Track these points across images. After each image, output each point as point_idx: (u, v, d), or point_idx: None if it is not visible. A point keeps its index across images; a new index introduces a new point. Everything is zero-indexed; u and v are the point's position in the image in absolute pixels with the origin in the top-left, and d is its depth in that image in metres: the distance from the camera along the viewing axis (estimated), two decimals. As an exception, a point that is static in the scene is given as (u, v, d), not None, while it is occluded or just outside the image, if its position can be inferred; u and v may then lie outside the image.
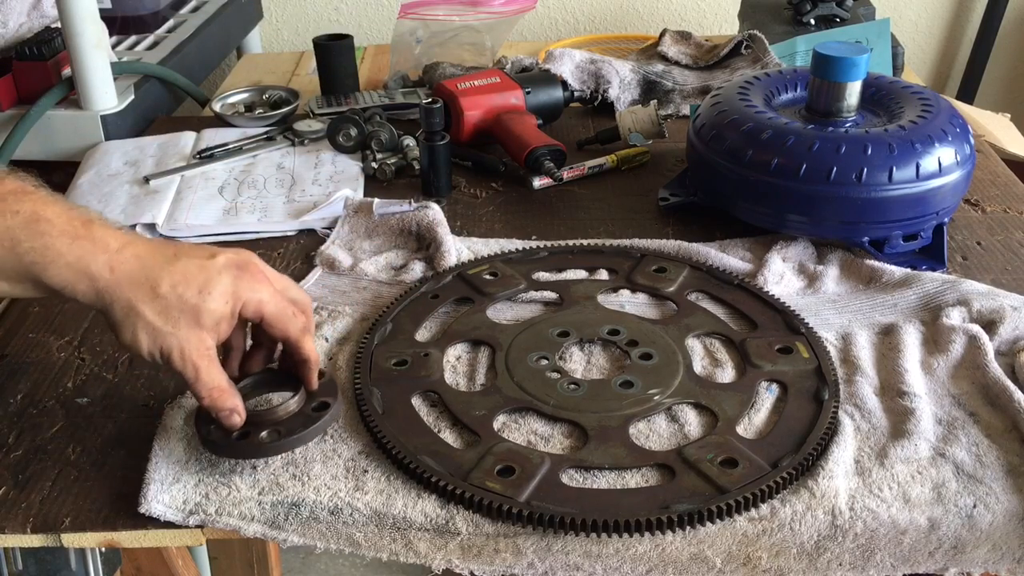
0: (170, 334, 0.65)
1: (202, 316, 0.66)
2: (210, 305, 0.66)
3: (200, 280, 0.66)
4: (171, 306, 0.65)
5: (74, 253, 0.63)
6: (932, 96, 1.02)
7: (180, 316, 0.65)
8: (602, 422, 0.75)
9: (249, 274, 0.68)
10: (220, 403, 0.68)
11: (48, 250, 0.63)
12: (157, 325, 0.65)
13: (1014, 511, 0.68)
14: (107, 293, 0.64)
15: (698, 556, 0.66)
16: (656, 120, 1.22)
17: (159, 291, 0.65)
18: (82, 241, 0.64)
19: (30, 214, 0.63)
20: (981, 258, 0.99)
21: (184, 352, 0.66)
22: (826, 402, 0.76)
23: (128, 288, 0.64)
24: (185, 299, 0.65)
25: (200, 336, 0.66)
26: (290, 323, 0.71)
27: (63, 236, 0.63)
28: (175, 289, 0.65)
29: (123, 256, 0.65)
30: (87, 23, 1.22)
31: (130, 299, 0.64)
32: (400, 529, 0.68)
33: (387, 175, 1.17)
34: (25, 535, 0.68)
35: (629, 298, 0.92)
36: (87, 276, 0.64)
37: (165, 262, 0.66)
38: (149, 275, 0.65)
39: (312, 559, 1.81)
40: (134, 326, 0.65)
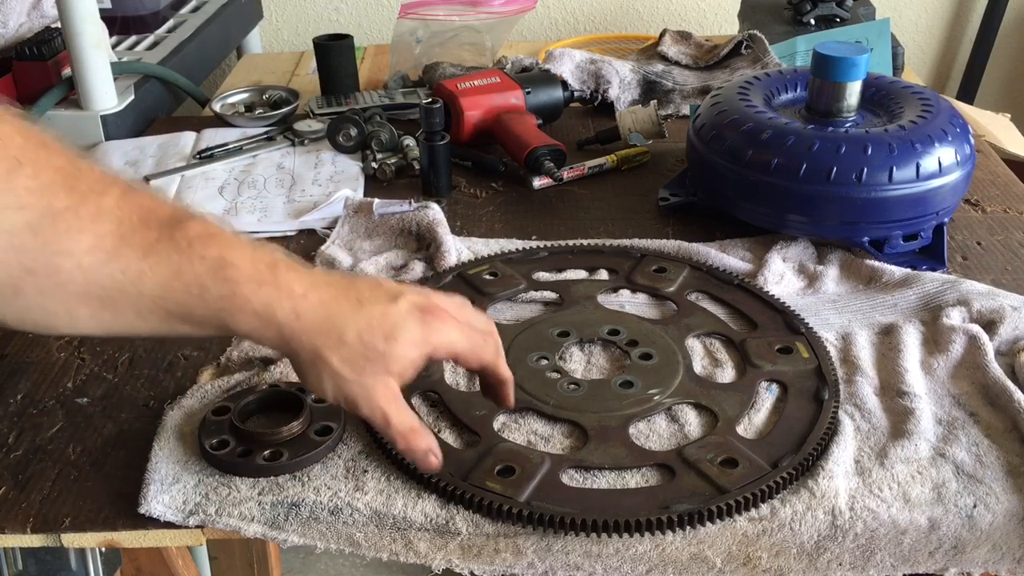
0: (355, 382, 0.64)
1: (390, 363, 0.64)
2: (398, 352, 0.64)
3: (386, 327, 0.64)
4: (357, 354, 0.63)
5: (260, 300, 0.62)
6: (932, 96, 1.02)
7: (366, 364, 0.64)
8: (602, 422, 0.75)
9: (434, 316, 0.66)
10: (415, 445, 0.66)
11: (236, 297, 0.61)
12: (343, 373, 0.63)
13: (1014, 511, 0.68)
14: (294, 340, 0.63)
15: (698, 556, 0.66)
16: (656, 120, 1.22)
17: (345, 339, 0.63)
18: (268, 288, 0.62)
19: (217, 260, 0.61)
20: (981, 258, 0.99)
21: (371, 400, 0.64)
22: (826, 402, 0.76)
23: (315, 335, 0.63)
24: (372, 347, 0.64)
25: (385, 382, 0.65)
26: (484, 353, 0.69)
27: (250, 283, 0.61)
28: (361, 337, 0.63)
29: (308, 302, 0.63)
30: (87, 23, 1.22)
31: (316, 347, 0.63)
32: (400, 529, 0.68)
33: (387, 175, 1.17)
34: (25, 535, 0.68)
35: (629, 298, 0.92)
36: (274, 324, 0.62)
37: (350, 309, 0.64)
38: (336, 323, 0.63)
39: (312, 559, 1.81)
40: (320, 373, 0.64)
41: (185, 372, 0.84)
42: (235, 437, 0.72)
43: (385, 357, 0.64)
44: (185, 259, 0.60)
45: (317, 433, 0.73)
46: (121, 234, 0.58)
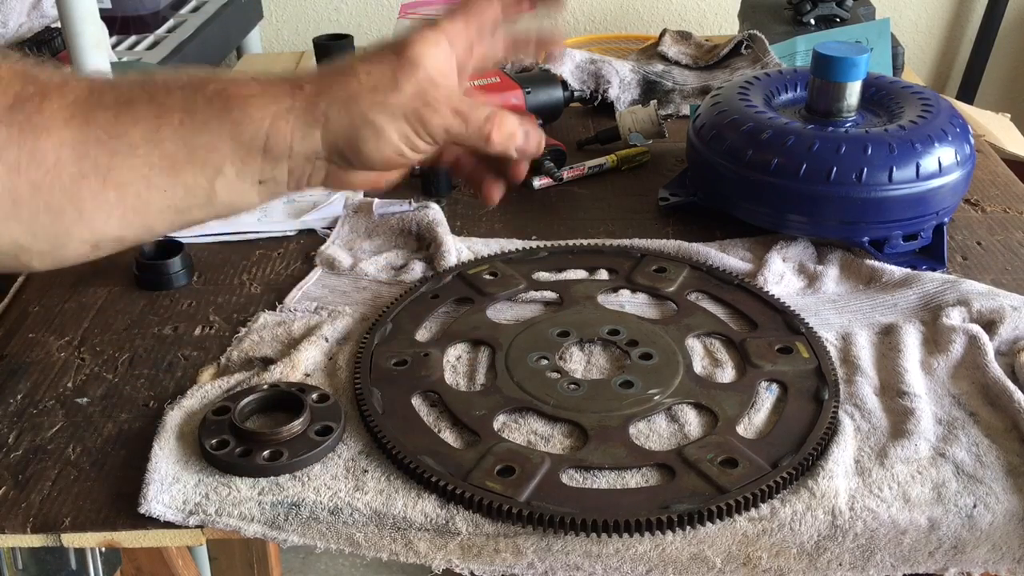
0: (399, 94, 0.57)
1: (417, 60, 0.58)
2: (415, 47, 0.58)
3: (388, 47, 0.59)
4: (377, 74, 0.57)
5: (254, 90, 0.56)
6: (932, 96, 1.02)
7: (395, 75, 0.57)
8: (602, 422, 0.75)
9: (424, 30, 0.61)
10: (505, 126, 0.60)
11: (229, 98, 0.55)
12: (379, 98, 0.57)
13: (1014, 511, 0.68)
14: (313, 109, 0.57)
15: (698, 556, 0.66)
16: (656, 120, 1.22)
17: (356, 72, 0.57)
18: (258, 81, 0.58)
19: (194, 79, 0.56)
20: (981, 258, 0.99)
21: (430, 100, 0.58)
22: (826, 402, 0.76)
23: (327, 89, 0.57)
24: (386, 61, 0.58)
25: (431, 79, 0.58)
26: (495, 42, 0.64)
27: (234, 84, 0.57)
28: (370, 62, 0.58)
29: (300, 76, 0.58)
30: (87, 23, 1.22)
31: (337, 93, 0.57)
32: (400, 529, 0.68)
33: (387, 175, 1.17)
34: (25, 535, 0.68)
35: (629, 298, 0.92)
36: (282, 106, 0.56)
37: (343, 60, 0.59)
38: (338, 70, 0.58)
39: (312, 559, 1.82)
40: (363, 116, 0.57)
41: (185, 372, 0.84)
42: (235, 437, 0.72)
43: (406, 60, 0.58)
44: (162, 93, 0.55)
45: (317, 433, 0.72)
46: (93, 99, 0.53)
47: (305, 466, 0.71)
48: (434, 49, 0.59)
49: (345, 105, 0.57)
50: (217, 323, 0.90)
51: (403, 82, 0.57)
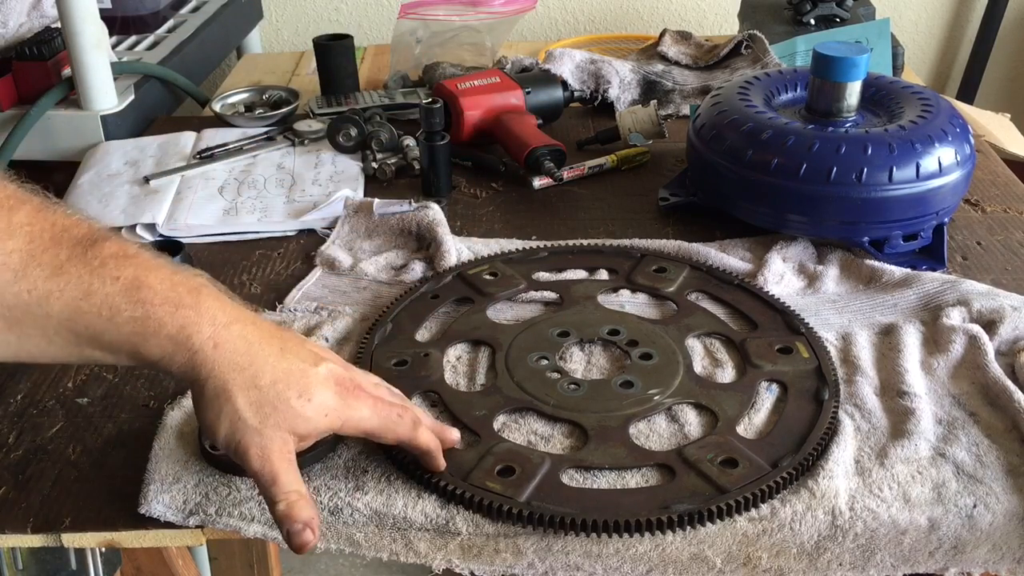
0: (255, 430, 0.61)
1: (297, 421, 0.62)
2: (309, 412, 0.62)
3: (303, 384, 0.62)
4: (266, 401, 0.61)
5: (176, 323, 0.59)
6: (932, 96, 1.02)
7: (272, 414, 0.61)
8: (602, 422, 0.75)
9: (348, 391, 0.65)
10: (296, 512, 0.61)
11: (149, 320, 0.58)
12: (245, 416, 0.61)
13: (1014, 511, 0.68)
14: (205, 368, 0.60)
15: (698, 556, 0.66)
16: (656, 120, 1.22)
17: (259, 382, 0.61)
18: (186, 311, 0.59)
19: (132, 281, 0.58)
20: (981, 258, 0.99)
21: (264, 452, 0.61)
22: (826, 402, 0.76)
23: (229, 369, 0.60)
24: (284, 398, 0.61)
25: (284, 438, 0.62)
26: (399, 428, 0.67)
27: (166, 304, 0.59)
28: (275, 386, 0.61)
29: (230, 333, 0.60)
30: (87, 23, 1.22)
31: (227, 381, 0.60)
32: (400, 529, 0.68)
33: (387, 175, 1.17)
34: (25, 535, 0.68)
35: (629, 298, 0.92)
36: (188, 349, 0.59)
37: (272, 354, 0.62)
38: (253, 362, 0.61)
39: (312, 559, 1.81)
40: (220, 410, 0.61)
41: (185, 372, 0.83)
42: None
43: (294, 413, 0.62)
44: (97, 279, 0.57)
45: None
46: (31, 252, 0.56)
47: (305, 466, 0.70)
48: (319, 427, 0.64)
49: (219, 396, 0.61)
50: (217, 323, 0.90)
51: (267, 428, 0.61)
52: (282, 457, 0.62)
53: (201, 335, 0.60)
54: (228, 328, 0.61)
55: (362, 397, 0.66)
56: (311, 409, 0.62)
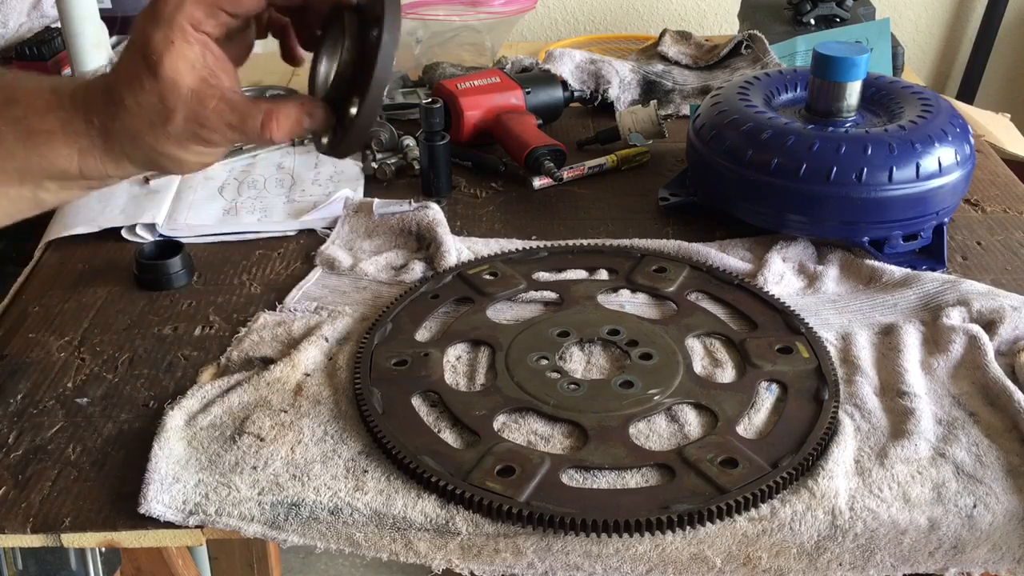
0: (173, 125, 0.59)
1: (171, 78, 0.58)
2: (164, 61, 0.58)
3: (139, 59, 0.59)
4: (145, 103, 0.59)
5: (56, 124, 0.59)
6: (932, 96, 1.02)
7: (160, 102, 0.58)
8: (602, 422, 0.75)
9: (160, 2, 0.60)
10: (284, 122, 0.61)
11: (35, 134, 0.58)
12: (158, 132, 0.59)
13: (1014, 511, 0.68)
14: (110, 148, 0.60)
15: (698, 556, 0.66)
16: (656, 120, 1.22)
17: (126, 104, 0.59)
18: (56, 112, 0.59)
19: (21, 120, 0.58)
20: (981, 258, 0.99)
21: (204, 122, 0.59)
22: (826, 402, 0.76)
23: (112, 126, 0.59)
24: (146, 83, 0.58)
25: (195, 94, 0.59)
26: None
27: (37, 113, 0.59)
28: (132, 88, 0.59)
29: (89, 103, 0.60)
30: (87, 23, 1.22)
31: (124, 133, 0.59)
32: (400, 529, 0.68)
33: (387, 175, 1.17)
34: (25, 535, 0.68)
35: (629, 298, 0.92)
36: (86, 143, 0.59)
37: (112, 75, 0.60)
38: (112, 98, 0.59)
39: (312, 559, 1.82)
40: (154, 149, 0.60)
41: (185, 372, 0.84)
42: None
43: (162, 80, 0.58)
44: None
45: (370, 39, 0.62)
46: None
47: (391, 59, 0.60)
48: (186, 55, 0.59)
49: (133, 141, 0.59)
50: (217, 323, 0.90)
51: (173, 109, 0.59)
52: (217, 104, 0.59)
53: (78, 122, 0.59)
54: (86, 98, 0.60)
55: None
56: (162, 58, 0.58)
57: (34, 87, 0.60)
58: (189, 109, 0.59)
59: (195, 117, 0.59)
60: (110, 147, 0.60)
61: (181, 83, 0.59)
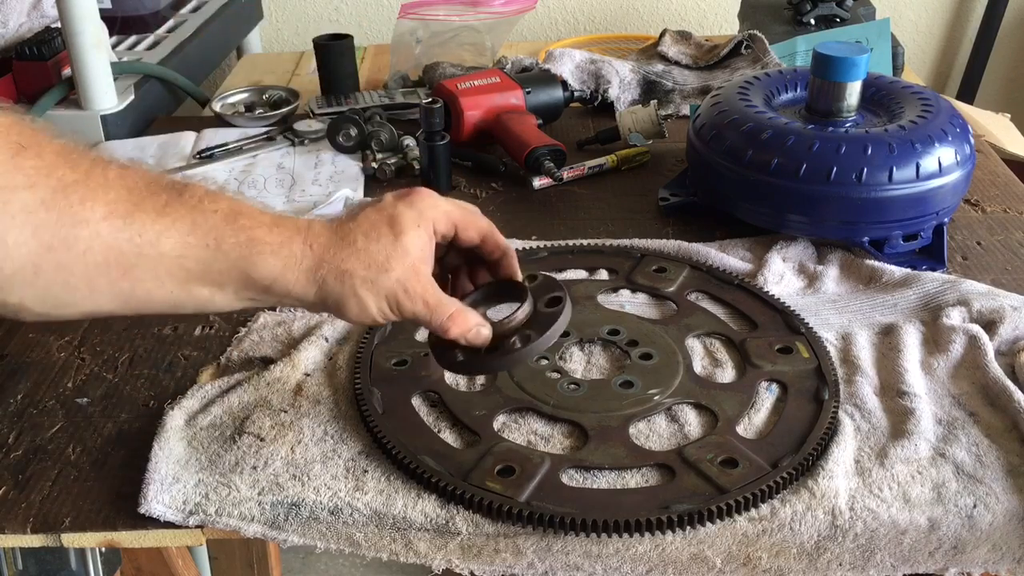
0: (386, 278, 0.65)
1: (407, 246, 0.66)
2: (407, 233, 0.66)
3: (384, 220, 0.66)
4: (374, 252, 0.65)
5: (276, 239, 0.63)
6: (932, 96, 1.02)
7: (387, 259, 0.65)
8: (602, 422, 0.75)
9: (419, 196, 0.68)
10: (463, 324, 0.68)
11: (254, 242, 0.63)
12: (371, 277, 0.65)
13: (1014, 511, 0.68)
14: (317, 269, 0.64)
15: (698, 556, 0.66)
16: (656, 120, 1.22)
17: (357, 245, 0.65)
18: (280, 228, 0.64)
19: (229, 210, 0.63)
20: (981, 258, 0.99)
21: (408, 289, 0.66)
22: (826, 402, 0.76)
23: (332, 255, 0.64)
24: (383, 239, 0.65)
25: (415, 268, 0.66)
26: (480, 219, 0.71)
27: (262, 226, 0.63)
28: (369, 236, 0.65)
29: (313, 231, 0.65)
30: (87, 23, 1.22)
31: (338, 264, 0.64)
32: (400, 529, 0.68)
33: (387, 175, 1.17)
34: (25, 535, 0.68)
35: (629, 298, 0.92)
36: (293, 260, 0.64)
37: (348, 221, 0.66)
38: (342, 236, 0.65)
39: (312, 559, 1.82)
40: (353, 289, 0.65)
41: (185, 372, 0.84)
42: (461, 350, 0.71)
43: (399, 242, 0.66)
44: (198, 213, 0.61)
45: (547, 305, 0.71)
46: (132, 200, 0.60)
47: (553, 339, 0.69)
48: (424, 237, 0.67)
49: (340, 277, 0.65)
50: (217, 323, 0.90)
51: (394, 266, 0.66)
52: (425, 286, 0.67)
53: (296, 244, 0.64)
54: (310, 229, 0.65)
55: (429, 195, 0.69)
56: (406, 229, 0.66)
57: (258, 207, 0.65)
58: (404, 274, 0.66)
59: (404, 283, 0.66)
60: (313, 272, 0.64)
61: (410, 254, 0.66)
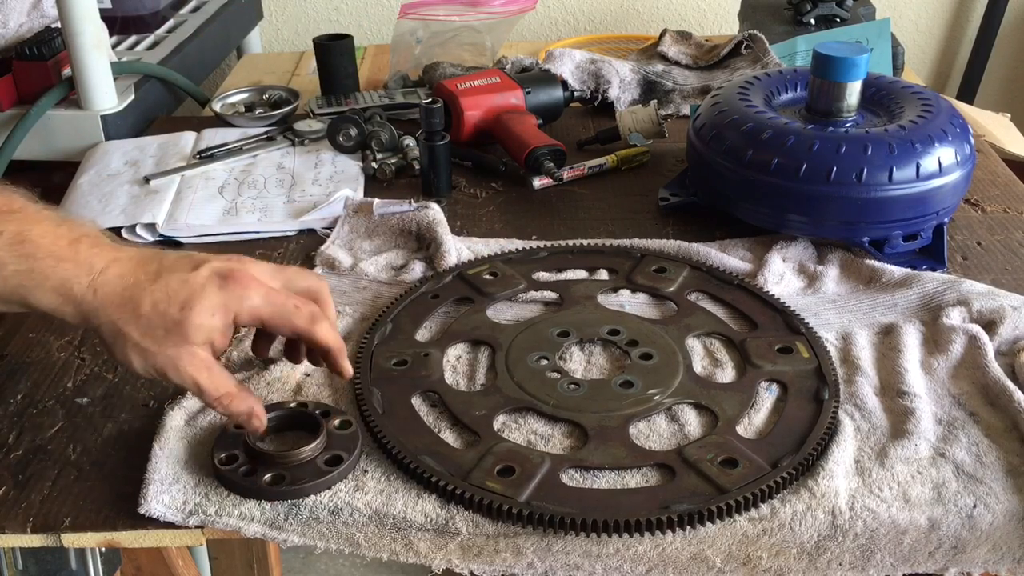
0: (158, 353, 0.65)
1: (189, 332, 0.65)
2: (195, 320, 0.64)
3: (183, 296, 0.64)
4: (155, 325, 0.64)
5: (58, 276, 0.63)
6: (932, 96, 1.02)
7: (166, 335, 0.64)
8: (602, 422, 0.75)
9: (235, 281, 0.66)
10: (234, 408, 0.67)
11: (33, 273, 0.62)
12: (144, 345, 0.64)
13: (1014, 511, 0.68)
14: (93, 316, 0.64)
15: (698, 556, 0.66)
16: (656, 120, 1.22)
17: (141, 311, 0.64)
18: (66, 264, 0.63)
19: (14, 235, 0.62)
20: (981, 258, 0.99)
21: (179, 369, 0.65)
22: (826, 402, 0.76)
23: (112, 310, 0.64)
24: (168, 316, 0.64)
25: (190, 351, 0.65)
26: (295, 318, 0.69)
27: (48, 258, 0.62)
28: (157, 307, 0.64)
29: (106, 277, 0.64)
30: (87, 23, 1.22)
31: (115, 321, 0.64)
32: (400, 529, 0.68)
33: (387, 175, 1.17)
34: (25, 535, 0.68)
35: (629, 298, 0.92)
36: (71, 300, 0.63)
37: (147, 280, 0.65)
38: (132, 295, 0.64)
39: (312, 559, 1.81)
40: (123, 347, 0.65)
41: (185, 372, 0.83)
42: (245, 454, 0.71)
43: (182, 326, 0.64)
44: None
45: (327, 462, 0.71)
46: None
47: (305, 495, 0.69)
48: (215, 326, 0.66)
49: (114, 333, 0.64)
50: (217, 323, 0.90)
51: (169, 343, 0.65)
52: (196, 367, 0.65)
53: (81, 285, 0.63)
54: (104, 273, 0.64)
55: (251, 285, 0.67)
56: (196, 315, 0.65)
57: (57, 228, 0.64)
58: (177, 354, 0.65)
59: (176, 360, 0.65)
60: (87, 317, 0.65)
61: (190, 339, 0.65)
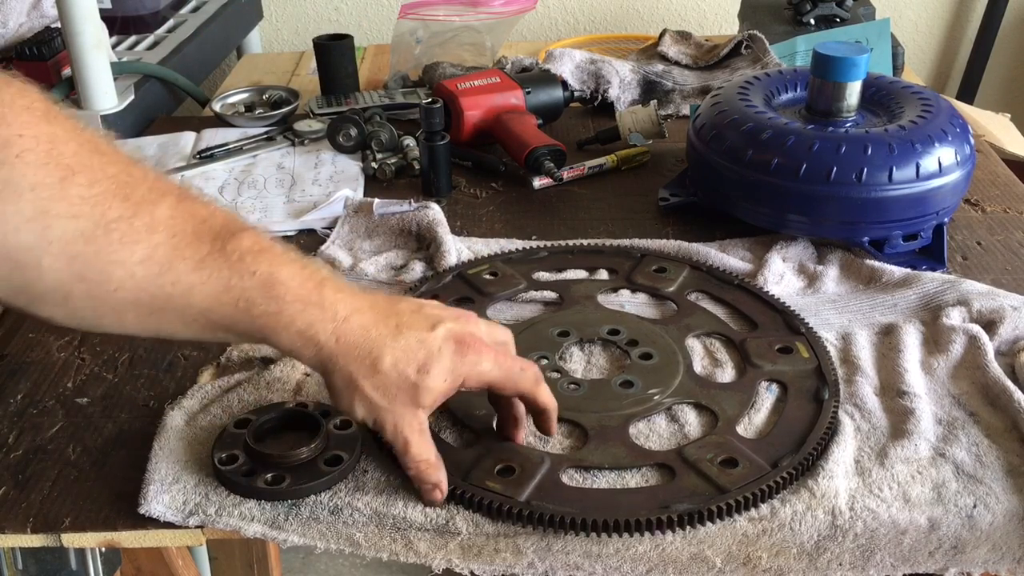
0: (386, 409, 0.66)
1: (420, 395, 0.66)
2: (429, 384, 0.65)
3: (420, 357, 0.65)
4: (390, 383, 0.65)
5: (305, 320, 0.63)
6: (932, 96, 1.02)
7: (398, 393, 0.65)
8: (602, 422, 0.75)
9: (467, 347, 0.67)
10: (425, 476, 0.67)
11: (281, 315, 0.63)
12: (374, 399, 0.65)
13: (1014, 511, 0.68)
14: (330, 361, 0.65)
15: (698, 556, 0.66)
16: (656, 120, 1.22)
17: (380, 367, 0.65)
18: (313, 308, 0.64)
19: (267, 276, 0.62)
20: (981, 258, 0.99)
21: (398, 427, 0.66)
22: (826, 402, 0.76)
23: (351, 360, 0.64)
24: (405, 377, 0.65)
25: (414, 412, 0.66)
26: (521, 381, 0.70)
27: (296, 302, 0.63)
28: (396, 367, 0.65)
29: (349, 326, 0.65)
30: (87, 23, 1.22)
31: (351, 372, 0.65)
32: (400, 529, 0.68)
33: (387, 175, 1.17)
34: (25, 535, 0.68)
35: (629, 298, 0.92)
36: (314, 344, 0.64)
37: (388, 336, 0.65)
38: (372, 349, 0.65)
39: (312, 559, 1.81)
40: (352, 395, 0.65)
41: (185, 372, 0.84)
42: (246, 453, 0.70)
43: (416, 388, 0.65)
44: (235, 274, 0.61)
45: (327, 462, 0.71)
46: (174, 246, 0.60)
47: (305, 495, 0.69)
48: (443, 390, 0.67)
49: (347, 381, 0.65)
50: (217, 323, 0.90)
51: (397, 402, 0.66)
52: (413, 429, 0.67)
53: (325, 331, 0.64)
54: (348, 321, 0.65)
55: (483, 351, 0.68)
56: (431, 380, 0.66)
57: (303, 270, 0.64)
58: (401, 413, 0.66)
59: (397, 419, 0.66)
60: (325, 362, 0.65)
61: (419, 402, 0.66)
